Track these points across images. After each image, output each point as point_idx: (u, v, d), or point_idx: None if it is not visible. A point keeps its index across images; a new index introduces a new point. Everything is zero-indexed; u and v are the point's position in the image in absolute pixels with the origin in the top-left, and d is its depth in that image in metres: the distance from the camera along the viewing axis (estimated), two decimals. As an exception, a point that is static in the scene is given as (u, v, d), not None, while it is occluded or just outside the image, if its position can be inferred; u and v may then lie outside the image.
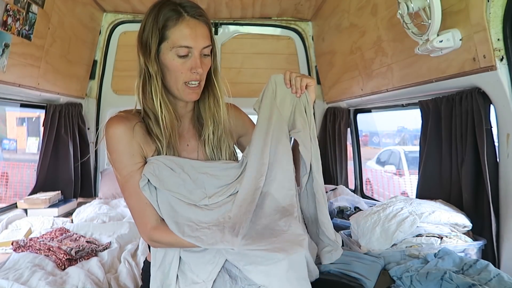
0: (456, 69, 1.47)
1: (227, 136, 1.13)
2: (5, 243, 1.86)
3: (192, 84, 1.02)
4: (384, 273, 1.34)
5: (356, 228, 1.60)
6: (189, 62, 1.00)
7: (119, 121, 1.01)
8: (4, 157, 8.86)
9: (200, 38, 1.00)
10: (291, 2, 2.82)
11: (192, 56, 1.00)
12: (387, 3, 1.83)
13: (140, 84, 1.03)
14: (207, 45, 1.02)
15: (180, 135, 1.12)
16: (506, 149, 1.36)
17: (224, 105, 1.11)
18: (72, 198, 2.71)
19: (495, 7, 1.24)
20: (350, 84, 2.63)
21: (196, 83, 1.03)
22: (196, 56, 1.00)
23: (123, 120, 1.02)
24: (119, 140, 1.00)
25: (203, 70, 1.02)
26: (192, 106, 1.13)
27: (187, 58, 1.01)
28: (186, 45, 0.99)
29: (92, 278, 1.49)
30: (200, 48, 1.00)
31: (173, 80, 1.02)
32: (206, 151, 1.10)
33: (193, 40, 0.99)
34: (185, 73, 1.01)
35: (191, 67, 1.00)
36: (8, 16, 1.79)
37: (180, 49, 0.99)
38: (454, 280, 1.16)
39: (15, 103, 2.42)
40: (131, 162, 1.00)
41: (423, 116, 1.83)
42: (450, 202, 1.62)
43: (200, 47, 1.00)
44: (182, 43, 0.98)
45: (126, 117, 1.03)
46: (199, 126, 1.13)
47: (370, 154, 8.84)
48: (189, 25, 0.99)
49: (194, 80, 1.02)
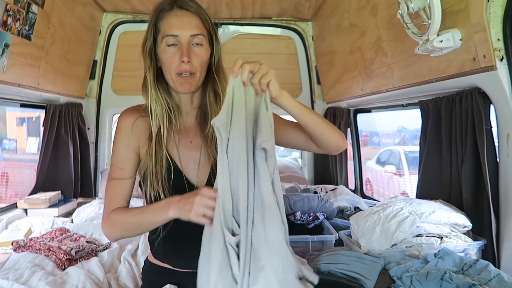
0: (456, 69, 1.46)
1: None
2: (5, 243, 1.86)
3: (184, 74, 1.04)
4: (384, 273, 1.34)
5: (356, 228, 1.60)
6: (178, 52, 1.03)
7: (126, 113, 1.11)
8: (4, 157, 8.85)
9: (187, 26, 1.03)
10: (291, 2, 2.82)
11: (180, 45, 1.03)
12: (387, 3, 1.83)
13: (143, 80, 1.09)
14: (195, 33, 1.04)
15: (185, 131, 1.14)
16: (506, 149, 1.36)
17: None
18: (72, 198, 2.71)
19: (495, 7, 1.24)
20: (350, 84, 2.63)
21: (187, 74, 1.05)
22: (183, 44, 1.03)
23: (130, 113, 1.10)
24: (120, 133, 1.09)
25: (191, 59, 1.03)
26: (198, 103, 1.15)
27: (176, 48, 1.03)
28: (172, 33, 1.02)
29: (92, 278, 1.48)
30: (186, 36, 1.03)
31: (167, 71, 1.06)
32: (210, 149, 1.11)
33: (179, 28, 1.02)
34: (175, 64, 1.03)
35: (180, 56, 1.02)
36: (8, 16, 1.78)
37: (168, 39, 1.03)
38: (454, 280, 1.16)
39: (15, 103, 2.41)
40: (123, 152, 1.08)
41: (423, 116, 1.83)
42: (450, 202, 1.62)
43: (186, 36, 1.03)
44: (169, 32, 1.03)
45: (134, 110, 1.11)
46: (204, 123, 1.14)
47: (370, 154, 8.84)
48: (177, 14, 1.04)
49: (184, 71, 1.04)
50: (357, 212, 2.13)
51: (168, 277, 1.13)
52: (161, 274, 1.15)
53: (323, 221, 2.00)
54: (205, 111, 1.14)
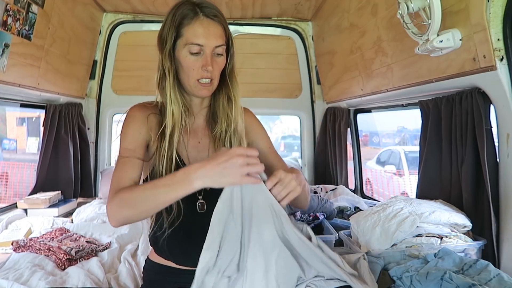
0: (456, 69, 1.46)
1: (240, 136, 1.16)
2: (5, 243, 1.86)
3: (203, 81, 1.06)
4: (384, 273, 1.33)
5: (356, 228, 1.60)
6: (201, 60, 1.04)
7: (139, 107, 1.12)
8: (4, 157, 8.85)
9: (212, 37, 1.04)
10: (291, 2, 2.82)
11: (203, 54, 1.04)
12: (387, 3, 1.83)
13: (158, 78, 1.09)
14: (219, 44, 1.06)
15: (193, 132, 1.16)
16: (506, 149, 1.36)
17: (239, 106, 1.15)
18: (72, 198, 2.71)
19: (495, 7, 1.24)
20: (350, 84, 2.63)
21: (208, 81, 1.06)
22: (207, 54, 1.04)
23: (142, 108, 1.12)
24: (132, 121, 1.09)
25: (213, 68, 1.05)
26: (207, 103, 1.18)
27: (199, 56, 1.04)
28: (198, 42, 1.03)
29: (92, 278, 1.49)
30: (211, 46, 1.04)
31: (186, 76, 1.07)
32: (217, 149, 1.12)
33: (205, 38, 1.03)
34: (197, 70, 1.05)
35: (202, 65, 1.04)
36: (8, 16, 1.78)
37: (193, 47, 1.03)
38: (454, 280, 1.16)
39: (15, 103, 2.42)
40: (134, 136, 1.07)
41: (423, 116, 1.83)
42: (450, 202, 1.62)
43: (211, 46, 1.04)
44: (195, 40, 1.03)
45: (146, 106, 1.13)
46: (213, 124, 1.17)
47: (370, 154, 8.83)
48: (203, 24, 1.04)
49: (205, 78, 1.05)
50: (357, 212, 2.13)
51: (170, 276, 1.13)
52: (163, 272, 1.15)
53: (323, 221, 2.00)
54: (214, 111, 1.16)
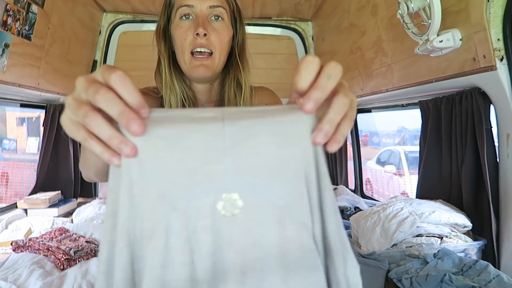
0: (456, 69, 1.46)
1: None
2: (5, 243, 1.86)
3: (198, 51, 0.87)
4: (389, 281, 1.33)
5: (356, 228, 1.60)
6: (193, 26, 0.87)
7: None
8: (4, 157, 8.87)
9: None
10: (291, 2, 2.82)
11: (196, 18, 0.88)
12: (387, 3, 1.83)
13: (156, 68, 0.96)
14: (215, 4, 0.89)
15: None
16: (506, 149, 1.36)
17: (249, 94, 0.98)
18: (72, 198, 2.71)
19: (495, 7, 1.23)
20: (350, 84, 2.62)
21: (203, 50, 0.87)
22: (198, 15, 0.88)
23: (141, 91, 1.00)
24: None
25: (209, 33, 0.86)
26: (216, 96, 1.00)
27: (191, 21, 0.88)
28: (187, 3, 0.88)
29: (90, 278, 1.49)
30: (203, 6, 0.88)
31: (181, 52, 0.89)
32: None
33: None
34: (189, 39, 0.87)
35: (194, 29, 0.86)
36: (8, 16, 1.78)
37: (182, 9, 0.88)
38: (454, 282, 1.15)
39: (15, 103, 2.42)
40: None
41: (423, 116, 1.83)
42: (450, 202, 1.62)
43: (203, 6, 0.88)
44: (183, 1, 0.88)
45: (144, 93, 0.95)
46: None
47: (370, 154, 8.84)
48: None
49: (200, 47, 0.86)
50: (357, 212, 2.13)
51: None
52: None
53: (323, 221, 1.99)
54: (223, 103, 0.98)
